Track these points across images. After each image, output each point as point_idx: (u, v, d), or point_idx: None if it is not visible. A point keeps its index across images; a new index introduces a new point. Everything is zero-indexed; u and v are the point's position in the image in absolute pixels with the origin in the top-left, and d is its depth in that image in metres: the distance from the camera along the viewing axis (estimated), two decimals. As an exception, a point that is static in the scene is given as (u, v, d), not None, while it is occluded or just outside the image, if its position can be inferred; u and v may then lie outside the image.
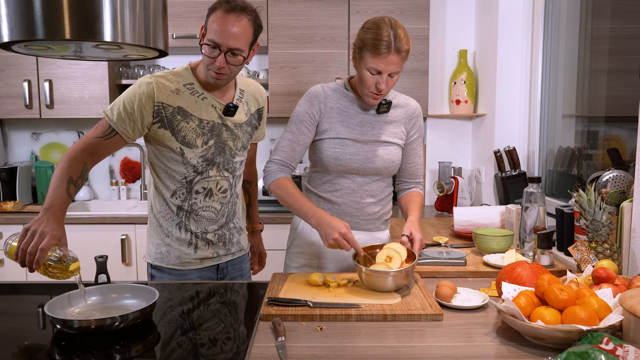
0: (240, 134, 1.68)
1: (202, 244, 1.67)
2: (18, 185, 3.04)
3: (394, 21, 1.57)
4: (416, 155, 1.80)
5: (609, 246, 1.49)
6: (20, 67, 2.97)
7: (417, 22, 2.93)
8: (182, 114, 1.56)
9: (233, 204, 1.72)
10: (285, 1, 2.91)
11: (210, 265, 1.70)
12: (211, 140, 1.60)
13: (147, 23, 1.03)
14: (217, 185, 1.65)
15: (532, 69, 2.68)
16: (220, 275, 1.74)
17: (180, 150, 1.57)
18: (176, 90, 1.57)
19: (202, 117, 1.59)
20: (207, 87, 1.61)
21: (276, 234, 2.77)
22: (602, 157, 2.17)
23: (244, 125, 1.69)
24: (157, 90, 1.53)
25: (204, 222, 1.65)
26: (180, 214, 1.64)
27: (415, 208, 1.71)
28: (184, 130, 1.56)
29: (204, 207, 1.64)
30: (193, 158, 1.59)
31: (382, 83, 1.58)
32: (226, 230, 1.71)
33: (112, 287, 1.34)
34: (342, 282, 1.46)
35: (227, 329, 1.23)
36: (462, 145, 3.31)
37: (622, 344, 0.94)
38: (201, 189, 1.63)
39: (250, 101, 1.73)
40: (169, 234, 1.65)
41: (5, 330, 1.24)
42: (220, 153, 1.63)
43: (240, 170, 1.73)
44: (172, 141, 1.56)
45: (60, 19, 0.93)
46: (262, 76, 3.12)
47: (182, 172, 1.60)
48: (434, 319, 1.25)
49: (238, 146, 1.68)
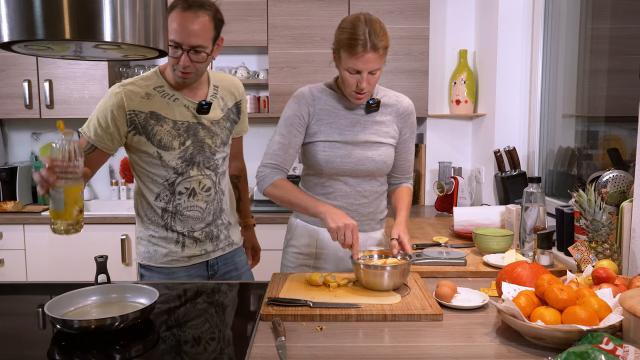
0: (218, 131, 1.67)
1: (190, 242, 1.68)
2: (18, 185, 3.04)
3: (369, 17, 1.54)
4: (408, 152, 1.79)
5: (609, 246, 1.49)
6: (20, 67, 2.97)
7: (417, 22, 2.93)
8: (155, 118, 1.57)
9: (219, 201, 1.72)
10: (285, 1, 2.91)
11: (198, 262, 1.71)
12: (188, 140, 1.61)
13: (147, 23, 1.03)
14: (200, 185, 1.65)
15: (532, 69, 2.68)
16: (211, 272, 1.74)
17: (158, 154, 1.58)
18: (146, 95, 1.57)
19: (175, 118, 1.59)
20: (177, 87, 1.61)
21: (276, 234, 2.77)
22: (602, 157, 2.17)
23: (221, 121, 1.69)
24: (126, 99, 1.54)
25: (189, 221, 1.66)
26: (165, 215, 1.65)
27: (403, 207, 1.72)
28: (159, 134, 1.57)
29: (189, 207, 1.65)
30: (172, 160, 1.59)
31: (363, 81, 1.56)
32: (214, 227, 1.72)
33: (112, 287, 1.34)
34: (342, 282, 1.46)
35: (227, 329, 1.23)
36: (462, 145, 3.31)
37: (622, 344, 0.94)
38: (184, 190, 1.63)
39: (226, 96, 1.72)
40: (155, 234, 1.67)
41: (5, 330, 1.24)
42: (200, 152, 1.63)
43: (223, 166, 1.73)
44: (149, 146, 1.58)
45: (60, 19, 0.93)
46: (262, 76, 3.12)
47: (162, 175, 1.61)
48: (434, 319, 1.25)
49: (217, 143, 1.67)
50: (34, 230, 2.79)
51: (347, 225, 1.46)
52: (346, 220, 1.47)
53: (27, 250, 2.81)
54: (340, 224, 1.46)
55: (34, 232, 2.79)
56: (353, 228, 1.46)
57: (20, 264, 2.81)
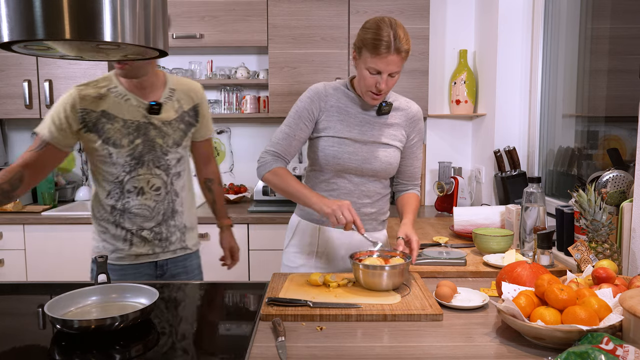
0: (170, 131, 1.70)
1: (137, 241, 1.71)
2: (18, 185, 3.04)
3: (394, 21, 1.57)
4: (415, 159, 1.80)
5: (609, 246, 1.49)
6: (20, 67, 2.97)
7: (417, 22, 2.93)
8: (106, 117, 1.63)
9: (170, 202, 1.73)
10: (285, 1, 2.91)
11: (146, 261, 1.73)
12: (138, 139, 1.65)
13: (147, 23, 1.03)
14: (149, 184, 1.68)
15: (532, 69, 2.68)
16: (160, 272, 1.76)
17: (108, 151, 1.64)
18: (99, 96, 1.64)
19: (125, 117, 1.64)
20: (131, 89, 1.67)
21: (276, 234, 2.77)
22: (602, 157, 2.17)
23: (174, 122, 1.72)
24: (79, 98, 1.62)
25: (138, 219, 1.69)
26: (114, 212, 1.69)
27: (410, 210, 1.72)
28: (110, 132, 1.63)
29: (137, 206, 1.68)
30: (120, 157, 1.64)
31: (382, 83, 1.58)
32: (164, 228, 1.73)
33: (112, 287, 1.34)
34: (342, 282, 1.46)
35: (227, 329, 1.23)
36: (462, 145, 3.31)
37: (622, 344, 0.94)
38: (132, 188, 1.67)
39: (182, 99, 1.76)
40: (105, 231, 1.71)
41: (5, 330, 1.24)
42: (150, 151, 1.67)
43: (178, 167, 1.75)
44: (99, 143, 1.63)
45: (60, 19, 0.93)
46: (262, 76, 3.12)
47: (112, 173, 1.66)
48: (434, 319, 1.25)
49: (169, 143, 1.70)
50: (34, 230, 2.79)
51: (341, 205, 1.48)
52: (339, 202, 1.49)
53: (27, 250, 2.81)
54: (334, 206, 1.48)
55: (34, 232, 2.79)
56: (348, 206, 1.48)
57: (20, 264, 2.81)
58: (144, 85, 1.67)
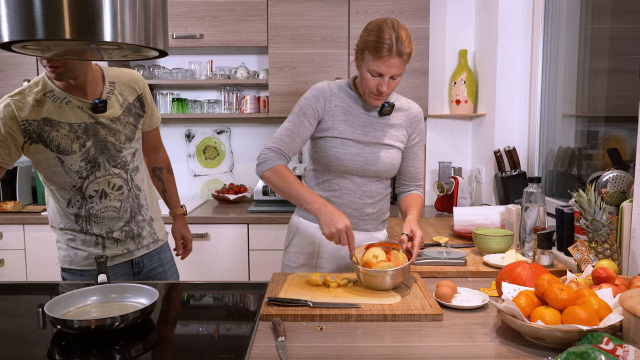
0: (120, 128, 1.63)
1: (110, 243, 1.66)
2: (18, 185, 3.04)
3: (396, 23, 1.56)
4: (416, 159, 1.80)
5: (609, 246, 1.49)
6: (20, 67, 2.97)
7: (417, 22, 2.93)
8: (49, 124, 1.53)
9: (134, 198, 1.69)
10: (285, 1, 2.91)
11: (122, 261, 1.69)
12: (89, 141, 1.57)
13: (147, 23, 1.03)
14: (110, 184, 1.62)
15: (532, 69, 2.68)
16: (136, 270, 1.73)
17: (59, 159, 1.55)
18: (37, 102, 1.53)
19: (70, 121, 1.55)
20: (68, 90, 1.56)
21: (276, 234, 2.77)
22: (602, 157, 2.17)
23: (122, 117, 1.65)
24: (17, 109, 1.51)
25: (106, 222, 1.64)
26: (79, 220, 1.63)
27: (414, 209, 1.72)
28: (57, 139, 1.54)
29: (102, 209, 1.62)
30: (74, 164, 1.56)
31: (384, 85, 1.57)
32: (134, 225, 1.69)
33: (112, 287, 1.34)
34: (342, 282, 1.46)
35: (227, 329, 1.23)
36: (462, 145, 3.31)
37: (622, 344, 0.94)
38: (93, 193, 1.60)
39: (124, 91, 1.68)
40: (74, 239, 1.65)
41: (5, 330, 1.24)
42: (103, 152, 1.60)
43: (134, 162, 1.69)
44: (47, 152, 1.54)
45: (60, 19, 0.93)
46: (262, 76, 3.12)
47: (68, 182, 1.58)
48: (434, 319, 1.25)
49: (121, 140, 1.64)
50: (34, 230, 2.79)
51: (339, 230, 1.46)
52: (339, 224, 1.46)
53: (27, 250, 2.81)
54: (333, 229, 1.46)
55: (34, 232, 2.79)
56: (347, 230, 1.46)
57: (20, 264, 2.81)
58: (81, 84, 1.56)
